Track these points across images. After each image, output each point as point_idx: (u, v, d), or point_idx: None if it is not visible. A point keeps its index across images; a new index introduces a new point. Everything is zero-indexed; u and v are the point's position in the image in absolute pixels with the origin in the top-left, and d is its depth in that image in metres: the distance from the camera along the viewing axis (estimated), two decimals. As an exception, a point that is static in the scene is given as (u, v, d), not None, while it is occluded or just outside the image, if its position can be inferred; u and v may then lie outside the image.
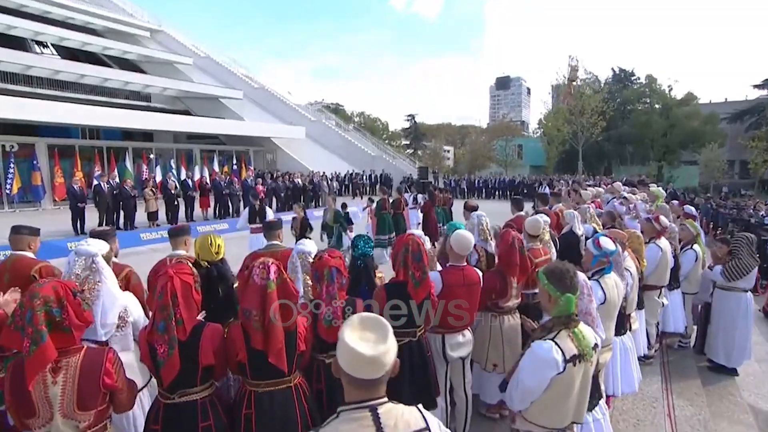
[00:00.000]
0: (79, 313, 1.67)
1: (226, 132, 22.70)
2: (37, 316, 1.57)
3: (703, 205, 16.47)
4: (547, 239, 4.06)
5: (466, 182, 27.74)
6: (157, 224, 12.49)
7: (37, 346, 1.56)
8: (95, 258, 2.30)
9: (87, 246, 2.34)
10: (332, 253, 2.34)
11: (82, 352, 1.71)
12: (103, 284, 2.26)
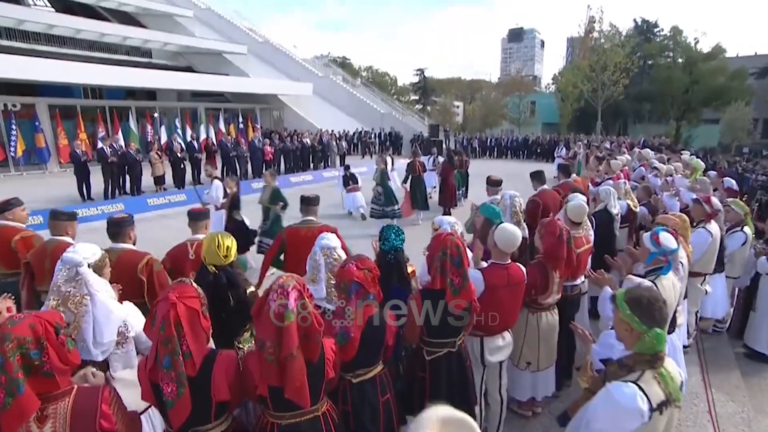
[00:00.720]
0: (62, 354, 1.38)
1: (232, 90, 21.87)
2: (10, 362, 1.29)
3: (728, 169, 15.75)
4: (588, 224, 3.69)
5: (478, 141, 26.88)
6: (164, 188, 12.23)
7: (13, 397, 1.29)
8: (79, 268, 1.98)
9: (72, 253, 2.02)
10: (361, 263, 2.00)
11: (72, 395, 1.44)
12: (93, 298, 1.96)
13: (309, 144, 16.53)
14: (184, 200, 11.31)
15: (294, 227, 3.60)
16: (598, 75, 20.42)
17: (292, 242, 3.50)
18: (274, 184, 6.46)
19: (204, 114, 21.73)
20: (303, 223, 3.61)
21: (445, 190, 10.00)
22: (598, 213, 4.50)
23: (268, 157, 14.68)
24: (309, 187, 14.47)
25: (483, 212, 3.38)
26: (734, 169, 15.58)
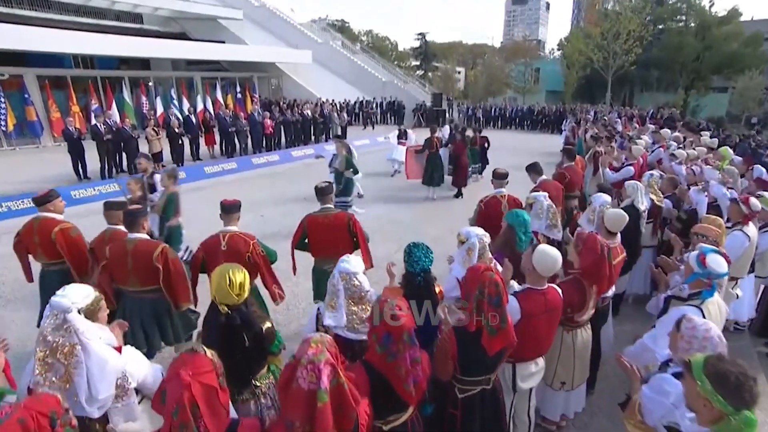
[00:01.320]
0: (60, 451, 1.18)
1: (229, 58, 20.99)
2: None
3: (741, 144, 15.31)
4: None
5: (482, 111, 26.20)
6: (162, 165, 11.83)
7: None
8: (67, 315, 1.75)
9: (60, 298, 1.79)
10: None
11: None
12: (85, 348, 1.73)
13: (310, 116, 16.00)
14: (183, 178, 10.97)
15: (313, 215, 3.80)
16: (609, 44, 19.47)
17: (312, 228, 3.78)
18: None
19: (200, 83, 21.00)
20: (321, 210, 3.83)
21: (457, 169, 9.71)
22: (625, 209, 4.25)
23: (268, 130, 14.23)
24: (311, 161, 14.13)
25: (509, 219, 3.15)
26: (747, 144, 15.15)
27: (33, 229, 3.38)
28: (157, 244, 3.05)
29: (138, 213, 3.08)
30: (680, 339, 1.88)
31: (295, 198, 9.53)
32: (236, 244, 3.19)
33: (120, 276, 3.05)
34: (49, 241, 3.34)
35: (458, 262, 2.85)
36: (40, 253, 3.45)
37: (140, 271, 2.98)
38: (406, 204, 9.40)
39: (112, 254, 3.02)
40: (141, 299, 3.08)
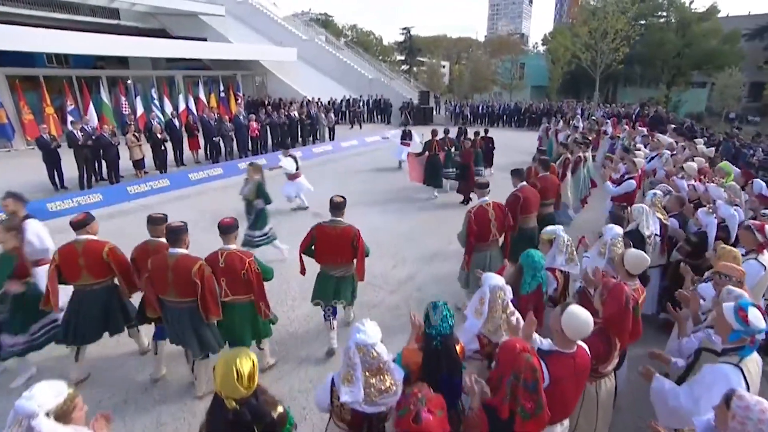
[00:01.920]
0: None
1: (212, 56, 20.35)
2: None
3: (725, 143, 15.52)
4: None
5: (469, 108, 26.10)
6: (144, 172, 11.42)
7: None
8: (32, 421, 1.53)
9: (25, 401, 1.56)
10: (432, 405, 1.58)
11: None
12: None
13: (296, 117, 15.63)
14: (167, 185, 10.61)
15: (323, 225, 4.13)
16: (597, 42, 19.57)
17: (320, 238, 4.13)
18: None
19: (182, 82, 20.37)
20: (331, 222, 4.14)
21: (465, 177, 9.43)
22: (629, 233, 4.14)
23: (254, 133, 13.84)
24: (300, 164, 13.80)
25: (522, 260, 2.99)
26: (731, 144, 15.37)
27: (77, 251, 3.51)
28: (196, 260, 3.26)
29: (179, 230, 3.30)
30: (731, 419, 1.74)
31: (283, 208, 9.23)
32: (233, 261, 3.45)
33: (160, 287, 3.33)
34: (100, 262, 3.56)
35: (471, 312, 2.68)
36: (85, 275, 3.58)
37: (179, 284, 3.25)
38: (406, 212, 9.15)
39: (153, 267, 3.30)
40: (179, 309, 3.35)
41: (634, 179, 5.93)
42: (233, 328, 3.58)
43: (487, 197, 4.59)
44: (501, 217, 4.56)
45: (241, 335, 3.61)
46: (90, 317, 3.63)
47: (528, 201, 5.02)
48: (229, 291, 3.48)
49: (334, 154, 15.63)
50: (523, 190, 5.07)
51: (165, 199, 10.05)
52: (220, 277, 3.41)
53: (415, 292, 5.81)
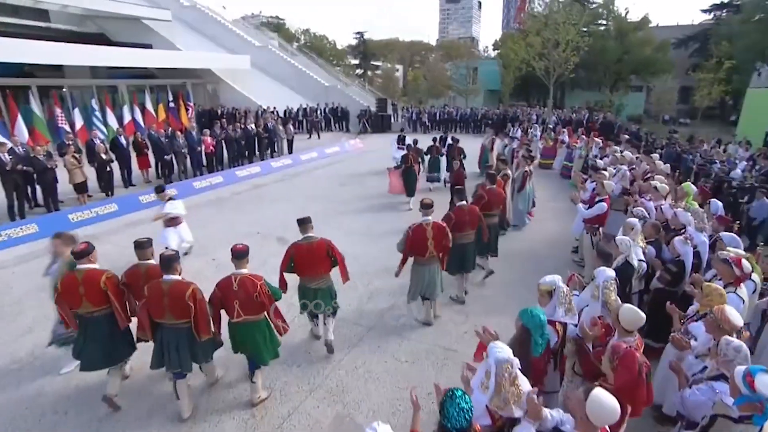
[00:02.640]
0: None
1: (160, 65, 19.14)
2: None
3: (667, 149, 16.49)
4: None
5: (428, 115, 26.28)
6: (88, 196, 10.43)
7: None
8: None
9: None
10: None
11: None
12: None
13: (253, 131, 14.99)
14: (115, 211, 9.77)
15: (298, 243, 4.44)
16: (550, 52, 20.35)
17: (298, 254, 4.43)
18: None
19: (126, 92, 19.04)
20: (304, 239, 4.46)
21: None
22: (620, 268, 4.13)
23: (209, 149, 13.11)
24: (258, 180, 13.23)
25: (525, 320, 2.85)
26: (673, 149, 16.36)
27: (77, 280, 3.64)
28: (189, 285, 3.53)
29: (172, 258, 3.55)
30: None
31: (247, 232, 8.67)
32: (245, 285, 3.70)
33: (156, 312, 3.58)
34: (98, 291, 3.69)
35: (476, 386, 2.49)
36: (85, 303, 3.69)
37: (175, 308, 3.51)
38: (374, 234, 8.84)
39: (149, 293, 3.55)
40: (176, 329, 3.60)
41: (604, 201, 6.02)
42: (251, 345, 3.86)
43: (429, 217, 4.88)
44: (439, 237, 4.87)
45: (259, 352, 3.89)
46: (94, 345, 3.79)
47: (461, 221, 5.38)
48: (242, 312, 3.72)
49: (294, 168, 15.14)
50: (456, 211, 5.43)
51: (113, 227, 9.21)
52: (234, 300, 3.67)
53: (392, 322, 5.61)
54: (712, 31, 38.40)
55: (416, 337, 5.34)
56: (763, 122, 21.77)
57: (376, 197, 11.24)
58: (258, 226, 9.05)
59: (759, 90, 23.42)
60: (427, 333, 5.45)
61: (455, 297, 5.96)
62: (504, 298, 6.21)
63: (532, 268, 7.31)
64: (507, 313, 5.83)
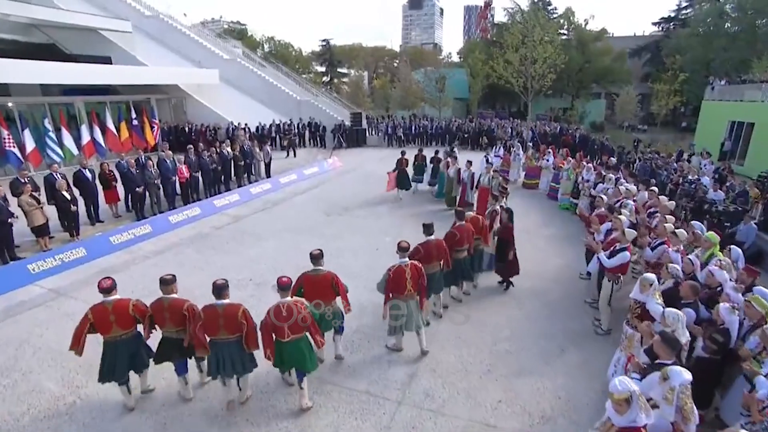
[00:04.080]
0: None
1: (122, 82, 17.78)
2: None
3: (642, 165, 16.94)
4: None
5: (402, 129, 26.02)
6: (50, 238, 9.36)
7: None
8: None
9: None
10: None
11: None
12: None
13: (230, 155, 14.15)
14: (83, 256, 8.79)
15: (308, 274, 5.00)
16: (527, 69, 20.63)
17: (306, 283, 4.99)
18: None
19: (84, 110, 17.57)
20: (314, 271, 5.02)
21: (504, 256, 7.55)
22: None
23: (183, 179, 12.20)
24: (238, 211, 12.45)
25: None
26: (647, 165, 16.83)
27: (108, 310, 4.28)
28: (240, 306, 4.30)
29: (222, 286, 4.29)
30: None
31: (239, 280, 7.90)
32: (291, 310, 4.32)
33: (212, 330, 4.31)
34: (127, 316, 4.35)
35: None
36: (115, 328, 4.35)
37: (229, 326, 4.26)
38: (371, 280, 8.36)
39: (206, 316, 4.28)
40: (229, 343, 4.35)
41: (627, 249, 5.85)
42: (298, 357, 4.49)
43: (406, 258, 5.33)
44: (416, 277, 5.31)
45: (304, 363, 4.54)
46: (120, 360, 4.44)
47: (428, 254, 5.92)
48: (290, 332, 4.36)
49: (274, 194, 14.41)
50: (426, 246, 5.93)
51: (82, 276, 8.18)
52: (284, 323, 4.30)
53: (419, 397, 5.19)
54: (663, 43, 40.61)
55: (448, 410, 4.95)
56: (717, 133, 22.97)
57: (367, 230, 10.76)
58: (248, 271, 8.35)
59: (713, 103, 24.68)
60: (457, 404, 5.06)
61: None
62: (522, 345, 5.95)
63: (544, 312, 7.10)
64: (535, 371, 5.61)
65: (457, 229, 6.50)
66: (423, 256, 5.80)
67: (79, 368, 5.43)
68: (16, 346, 5.90)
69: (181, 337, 4.47)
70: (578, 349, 6.15)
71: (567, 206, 12.70)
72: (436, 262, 6.08)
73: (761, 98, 20.23)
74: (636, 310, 5.00)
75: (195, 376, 5.14)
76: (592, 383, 5.47)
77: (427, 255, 5.90)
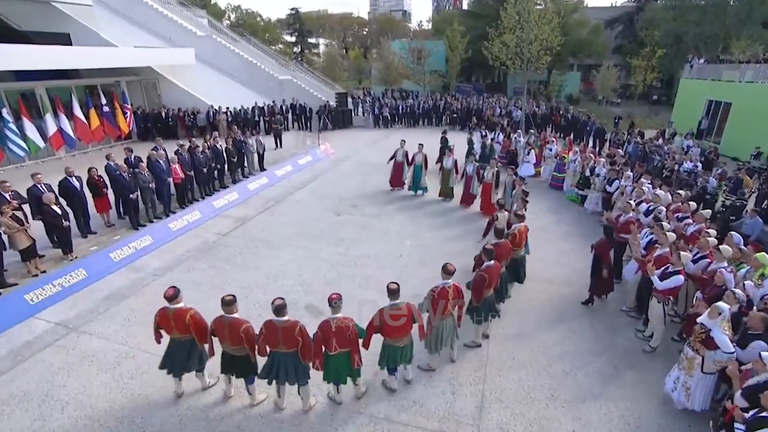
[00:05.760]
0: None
1: (87, 65, 16.01)
2: None
3: (633, 147, 17.14)
4: None
5: (388, 109, 25.25)
6: (40, 258, 8.43)
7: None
8: None
9: None
10: None
11: None
12: None
13: (222, 148, 13.18)
14: (83, 279, 7.97)
15: (385, 310, 5.01)
16: (523, 50, 20.13)
17: (386, 318, 5.04)
18: None
19: (47, 97, 15.82)
20: (391, 306, 5.03)
21: (598, 274, 7.24)
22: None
23: (178, 179, 11.28)
24: (239, 211, 11.72)
25: None
26: (638, 149, 17.03)
27: (169, 315, 4.83)
28: (297, 323, 4.62)
29: (282, 306, 4.58)
30: None
31: (267, 300, 7.35)
32: (340, 326, 4.67)
33: (273, 343, 4.73)
34: (183, 324, 4.81)
35: None
36: (174, 331, 4.92)
37: (287, 340, 4.64)
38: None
39: (267, 330, 4.66)
40: (287, 355, 4.73)
41: (680, 273, 5.78)
42: (340, 370, 4.93)
43: (450, 280, 5.34)
44: (457, 297, 5.44)
45: (344, 375, 5.01)
46: (179, 358, 5.00)
47: (491, 279, 5.97)
48: (338, 346, 4.74)
49: (273, 189, 13.66)
50: (487, 270, 5.90)
51: (90, 305, 7.36)
52: (333, 338, 4.68)
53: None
54: (637, 16, 40.84)
55: None
56: (695, 111, 23.57)
57: (384, 234, 10.36)
58: (274, 289, 7.82)
59: (691, 80, 25.17)
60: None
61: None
62: (576, 365, 5.88)
63: (586, 323, 7.07)
64: (597, 394, 5.56)
65: (486, 271, 5.92)
66: (489, 282, 5.94)
67: (121, 425, 4.93)
68: (39, 402, 5.26)
69: (237, 354, 4.84)
70: (629, 367, 6.16)
71: (574, 198, 12.69)
72: (493, 286, 6.17)
73: (739, 78, 20.74)
74: (701, 335, 4.98)
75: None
76: (652, 403, 5.51)
77: (491, 281, 5.99)
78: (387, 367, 5.37)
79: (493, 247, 6.20)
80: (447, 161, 12.36)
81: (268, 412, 5.21)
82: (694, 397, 5.12)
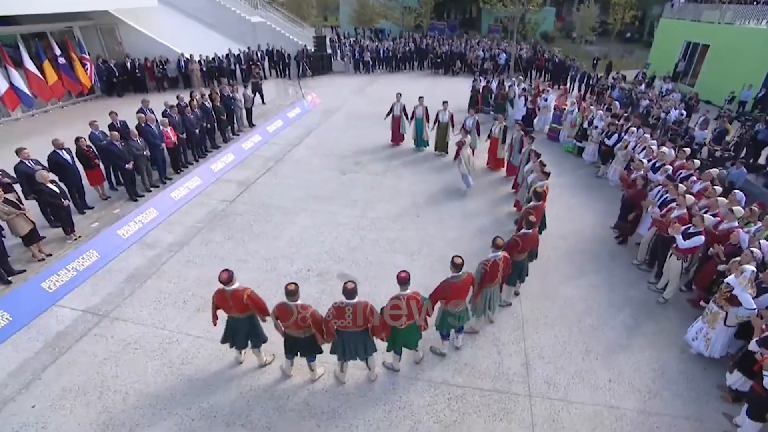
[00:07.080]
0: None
1: (29, 11, 13.88)
2: None
3: (619, 93, 17.31)
4: None
5: (370, 53, 24.03)
6: (43, 238, 7.90)
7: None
8: None
9: None
10: None
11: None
12: None
13: (209, 105, 12.32)
14: (98, 260, 7.62)
15: (450, 281, 5.16)
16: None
17: (453, 290, 5.20)
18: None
19: (-9, 50, 13.98)
20: (453, 277, 5.18)
21: (626, 217, 8.26)
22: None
23: (171, 143, 10.58)
24: (239, 174, 11.27)
25: None
26: (626, 94, 17.20)
27: (226, 297, 4.90)
28: (367, 304, 4.72)
29: (353, 290, 4.61)
30: None
31: (296, 272, 7.39)
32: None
33: (342, 324, 4.78)
34: (242, 303, 4.92)
35: None
36: (234, 311, 5.04)
37: (356, 319, 4.72)
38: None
39: (336, 312, 4.71)
40: (356, 333, 4.88)
41: (701, 234, 6.17)
42: (408, 339, 5.20)
43: (499, 252, 5.56)
44: (506, 268, 5.75)
45: (414, 341, 5.29)
46: (238, 334, 5.21)
47: (525, 245, 6.28)
48: (407, 320, 4.93)
49: (267, 147, 13.09)
50: (523, 237, 6.21)
51: (112, 289, 7.04)
52: (403, 316, 4.88)
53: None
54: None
55: (574, 397, 5.28)
56: (672, 53, 23.74)
57: (395, 193, 10.33)
58: (300, 259, 7.77)
59: (671, 20, 25.03)
60: (577, 389, 5.33)
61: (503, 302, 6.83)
62: (602, 320, 6.37)
63: (601, 278, 7.54)
64: (625, 345, 6.11)
65: (521, 238, 6.18)
66: (522, 248, 6.20)
67: (189, 411, 5.00)
68: (97, 395, 5.20)
69: (302, 336, 4.94)
70: (648, 318, 6.71)
71: (570, 149, 12.91)
72: (527, 252, 6.48)
73: (718, 20, 20.83)
74: (726, 293, 5.47)
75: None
76: (673, 351, 6.10)
77: (524, 246, 6.24)
78: (444, 332, 5.63)
79: (533, 211, 6.53)
80: (443, 115, 12.06)
81: (331, 386, 5.40)
82: (714, 346, 5.70)
